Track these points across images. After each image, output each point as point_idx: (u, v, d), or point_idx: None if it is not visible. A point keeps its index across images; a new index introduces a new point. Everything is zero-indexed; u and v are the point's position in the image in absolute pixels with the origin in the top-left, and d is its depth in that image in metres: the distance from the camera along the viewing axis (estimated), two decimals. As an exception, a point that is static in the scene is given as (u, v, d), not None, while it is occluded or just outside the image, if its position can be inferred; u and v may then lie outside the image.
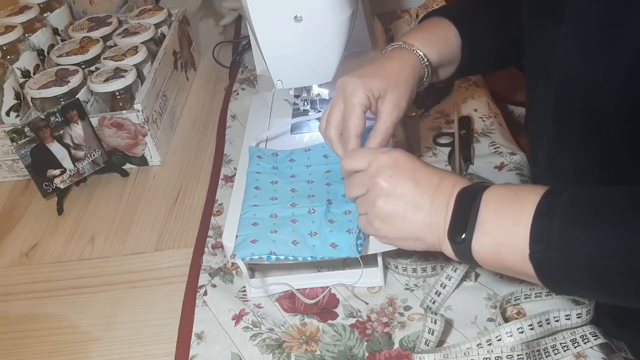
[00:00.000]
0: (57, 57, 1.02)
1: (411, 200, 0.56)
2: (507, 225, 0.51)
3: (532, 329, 0.57)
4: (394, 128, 0.67)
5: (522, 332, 0.57)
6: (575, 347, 0.58)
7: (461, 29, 0.73)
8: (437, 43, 0.72)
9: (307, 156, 0.79)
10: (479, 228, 0.52)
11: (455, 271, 0.65)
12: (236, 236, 0.66)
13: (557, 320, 0.59)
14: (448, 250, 0.55)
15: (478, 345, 0.59)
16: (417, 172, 0.57)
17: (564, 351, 0.58)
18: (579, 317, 0.58)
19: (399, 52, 0.71)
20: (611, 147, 0.60)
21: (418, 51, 0.70)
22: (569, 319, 0.58)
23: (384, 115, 0.67)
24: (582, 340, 0.58)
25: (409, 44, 0.71)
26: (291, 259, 0.63)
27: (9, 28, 1.02)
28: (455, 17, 0.74)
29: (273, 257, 0.63)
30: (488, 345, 0.58)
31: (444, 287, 0.66)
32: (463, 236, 0.53)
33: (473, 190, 0.54)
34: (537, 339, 0.59)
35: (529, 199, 0.50)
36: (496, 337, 0.58)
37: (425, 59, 0.71)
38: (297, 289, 0.66)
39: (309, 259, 0.63)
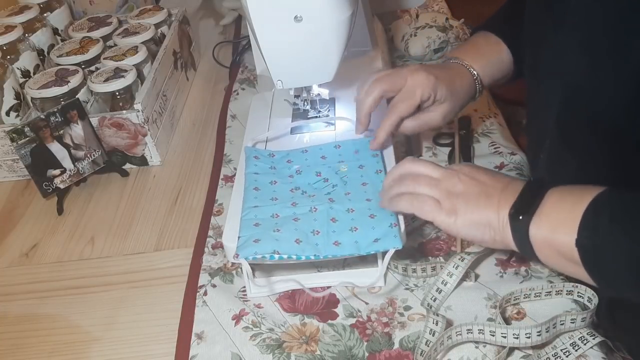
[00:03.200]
0: (57, 57, 1.02)
1: (486, 189, 0.59)
2: (565, 211, 0.53)
3: (539, 335, 0.58)
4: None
5: (529, 337, 0.58)
6: (576, 350, 0.58)
7: (512, 48, 0.77)
8: (492, 68, 0.77)
9: (304, 157, 0.78)
10: (539, 211, 0.55)
11: (456, 268, 0.65)
12: (238, 237, 0.66)
13: (562, 324, 0.59)
14: (508, 236, 0.56)
15: (480, 330, 0.59)
16: (490, 171, 0.62)
17: (567, 357, 0.58)
18: (583, 321, 0.59)
19: (458, 68, 0.75)
20: (616, 151, 0.60)
21: (474, 72, 0.76)
22: (573, 323, 0.59)
23: (430, 120, 0.73)
24: (582, 342, 0.58)
25: (467, 64, 0.76)
26: (294, 257, 0.63)
27: (9, 28, 1.02)
28: (505, 34, 0.78)
29: (276, 256, 0.63)
30: (491, 335, 0.58)
31: (445, 285, 0.66)
32: (523, 216, 0.55)
33: (544, 182, 0.57)
34: (537, 352, 0.60)
35: (591, 191, 0.53)
36: (501, 334, 0.58)
37: (479, 81, 0.77)
38: (299, 288, 0.66)
39: (312, 257, 0.63)
